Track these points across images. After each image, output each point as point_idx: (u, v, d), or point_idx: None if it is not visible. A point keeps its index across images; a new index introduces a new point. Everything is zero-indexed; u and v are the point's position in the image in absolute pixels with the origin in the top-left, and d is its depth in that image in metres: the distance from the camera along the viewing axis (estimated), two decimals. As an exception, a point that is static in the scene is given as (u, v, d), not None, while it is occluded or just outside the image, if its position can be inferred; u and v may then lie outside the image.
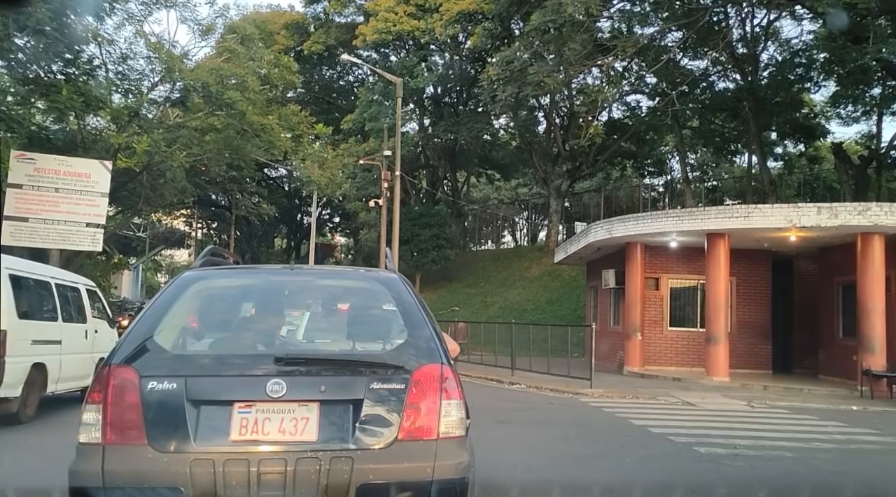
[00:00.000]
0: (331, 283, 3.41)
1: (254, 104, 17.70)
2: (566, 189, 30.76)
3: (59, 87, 14.21)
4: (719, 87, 28.29)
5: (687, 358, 14.60)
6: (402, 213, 21.29)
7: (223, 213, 40.74)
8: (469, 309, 25.98)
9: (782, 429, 7.67)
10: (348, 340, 2.98)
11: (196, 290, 3.01)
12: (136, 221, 39.84)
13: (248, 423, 2.48)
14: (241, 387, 2.53)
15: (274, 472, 2.41)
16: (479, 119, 29.71)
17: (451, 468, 2.53)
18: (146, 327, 2.71)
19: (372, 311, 3.11)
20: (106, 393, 2.51)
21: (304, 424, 2.50)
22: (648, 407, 9.59)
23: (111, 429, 2.47)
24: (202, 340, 2.90)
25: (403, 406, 2.55)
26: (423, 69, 25.99)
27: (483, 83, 20.25)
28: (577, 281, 26.41)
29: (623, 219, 13.84)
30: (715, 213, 12.08)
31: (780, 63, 25.02)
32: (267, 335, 2.92)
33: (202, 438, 2.44)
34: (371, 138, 27.17)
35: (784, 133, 28.92)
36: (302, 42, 30.05)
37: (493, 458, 5.59)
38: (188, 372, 2.55)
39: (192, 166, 18.45)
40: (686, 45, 23.56)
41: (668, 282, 14.82)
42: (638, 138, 31.39)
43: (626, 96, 29.93)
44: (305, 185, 21.81)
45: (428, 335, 2.77)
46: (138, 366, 2.55)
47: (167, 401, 2.48)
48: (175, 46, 17.61)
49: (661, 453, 6.01)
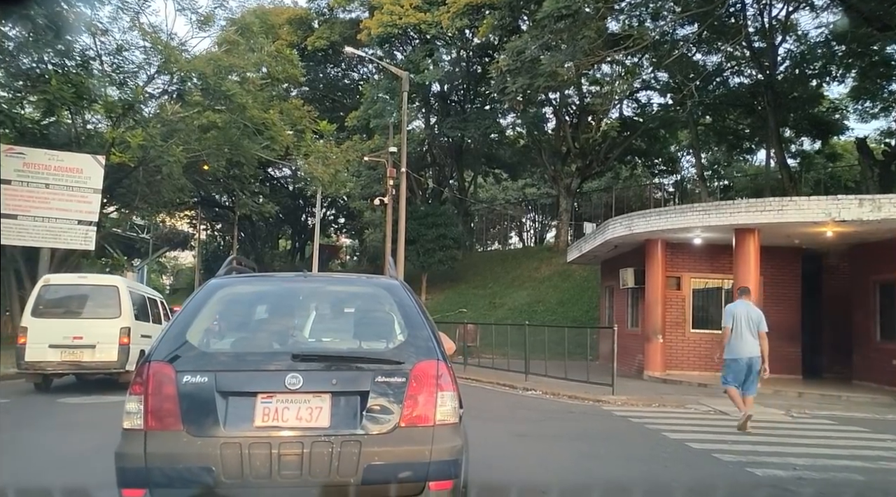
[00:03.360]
0: (339, 289, 3.81)
1: (254, 97, 17.05)
2: (576, 188, 29.93)
3: (49, 77, 13.56)
4: (733, 82, 27.48)
5: (710, 361, 13.67)
6: (408, 212, 20.51)
7: (227, 213, 40.17)
8: (476, 310, 25.18)
9: (836, 444, 6.84)
10: (355, 339, 3.33)
11: (221, 295, 3.37)
12: (138, 223, 39.37)
13: (270, 412, 2.82)
14: (263, 380, 2.88)
15: (292, 453, 2.75)
16: (487, 116, 28.98)
17: (446, 451, 2.85)
18: (180, 328, 3.05)
19: (376, 313, 3.42)
20: (147, 385, 2.84)
21: (317, 412, 2.84)
22: (679, 416, 8.78)
23: (151, 416, 2.80)
24: (228, 339, 3.24)
25: (404, 397, 2.88)
26: (429, 64, 25.20)
27: (492, 75, 19.47)
28: (588, 281, 25.59)
29: (644, 214, 13.02)
30: (745, 206, 11.24)
31: (800, 55, 24.11)
32: (284, 335, 3.25)
33: (230, 425, 2.78)
34: (376, 136, 26.45)
35: (801, 129, 28.00)
36: (305, 38, 29.37)
37: (518, 480, 4.81)
38: (217, 367, 2.89)
39: (192, 164, 17.74)
40: (700, 39, 22.70)
41: (690, 281, 13.98)
42: (650, 136, 30.62)
43: (638, 93, 29.25)
44: (309, 182, 21.12)
45: (426, 335, 3.10)
46: (174, 362, 2.88)
47: (199, 392, 2.81)
48: (173, 38, 16.93)
49: (713, 476, 5.21)
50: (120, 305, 9.97)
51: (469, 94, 30.57)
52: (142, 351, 9.78)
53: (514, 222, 44.12)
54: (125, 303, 10.02)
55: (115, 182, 16.95)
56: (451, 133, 28.85)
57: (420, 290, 27.99)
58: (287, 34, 28.14)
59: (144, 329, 10.50)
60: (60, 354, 9.55)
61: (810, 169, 28.92)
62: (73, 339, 9.62)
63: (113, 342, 9.71)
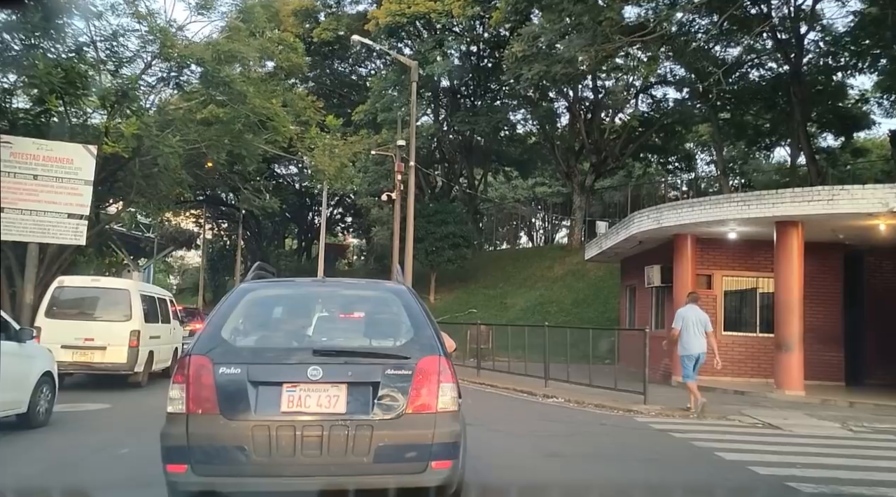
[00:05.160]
0: (353, 293, 4.26)
1: (256, 86, 16.16)
2: (590, 184, 28.91)
3: (35, 60, 12.71)
4: (753, 76, 26.41)
5: (744, 367, 12.74)
6: (416, 210, 19.60)
7: (232, 212, 39.47)
8: (487, 311, 24.22)
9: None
10: (367, 337, 3.79)
11: (250, 298, 3.81)
12: (143, 221, 38.68)
13: (294, 399, 3.31)
14: (288, 372, 3.37)
15: (313, 435, 3.24)
16: (498, 111, 28.06)
17: (446, 435, 3.33)
18: (215, 327, 3.55)
19: (385, 315, 3.84)
20: (188, 376, 3.34)
21: (335, 400, 3.32)
22: (725, 431, 7.78)
23: (192, 402, 3.29)
24: (257, 336, 3.71)
25: (410, 388, 3.35)
26: (438, 55, 24.24)
27: (506, 62, 18.48)
28: (604, 281, 24.59)
29: (674, 206, 11.99)
30: (790, 195, 10.18)
31: (829, 44, 22.95)
32: (306, 332, 3.72)
33: (260, 410, 3.28)
34: (384, 130, 25.56)
35: (825, 124, 26.87)
36: (311, 31, 28.54)
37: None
38: (248, 360, 3.39)
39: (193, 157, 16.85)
40: (721, 31, 21.63)
41: (721, 279, 12.96)
42: (666, 131, 29.61)
43: (653, 88, 28.24)
44: (314, 175, 20.24)
45: (430, 334, 3.57)
46: (212, 355, 3.39)
47: (233, 382, 3.31)
48: (172, 25, 16.05)
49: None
50: (131, 308, 10.32)
51: (479, 90, 29.66)
52: (150, 351, 10.75)
53: (524, 222, 43.16)
54: (136, 306, 10.42)
55: (110, 175, 16.09)
56: (462, 127, 27.98)
57: (428, 289, 27.12)
58: (292, 26, 27.28)
59: (154, 331, 11.08)
60: (72, 355, 9.82)
61: (835, 165, 27.76)
62: (84, 340, 9.93)
63: (123, 344, 10.05)
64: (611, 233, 15.17)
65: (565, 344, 12.11)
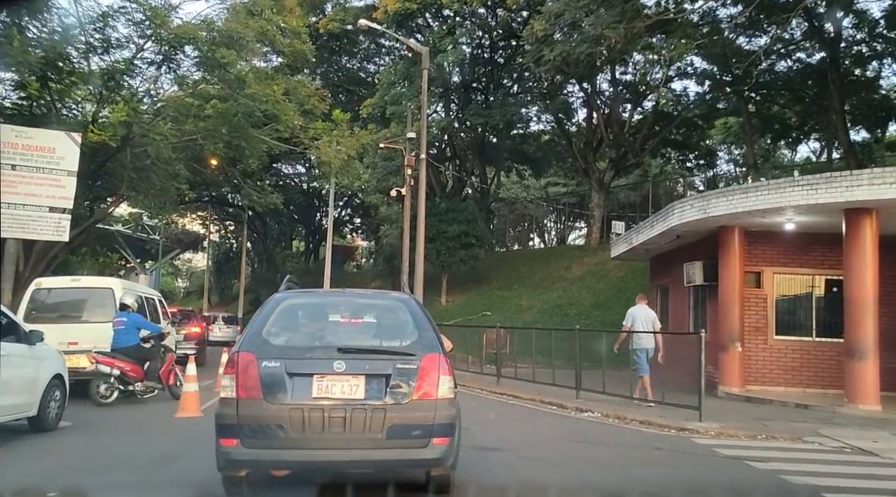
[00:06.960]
0: (368, 302, 5.15)
1: (255, 71, 14.98)
2: (609, 181, 27.52)
3: (10, 38, 11.58)
4: (780, 67, 24.96)
5: (799, 375, 11.33)
6: (427, 208, 18.30)
7: (239, 213, 38.43)
8: (502, 313, 22.85)
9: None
10: (379, 338, 4.57)
11: (285, 305, 4.64)
12: (148, 223, 37.67)
13: (322, 387, 4.08)
14: (318, 365, 4.13)
15: (338, 416, 4.00)
16: (511, 105, 26.77)
17: (445, 417, 4.12)
18: (258, 328, 4.35)
19: (394, 319, 4.64)
20: (237, 368, 4.09)
21: (356, 388, 4.09)
22: (809, 458, 6.41)
23: (241, 389, 4.05)
24: (291, 336, 4.49)
25: (415, 379, 4.12)
26: (449, 44, 22.95)
27: (526, 41, 17.16)
28: (626, 282, 23.18)
29: (724, 192, 10.59)
30: (868, 176, 8.75)
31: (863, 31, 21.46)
32: (331, 333, 4.51)
33: (295, 396, 4.05)
34: (392, 124, 24.33)
35: (858, 117, 25.32)
36: (318, 22, 27.38)
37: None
38: (286, 356, 4.16)
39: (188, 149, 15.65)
40: (750, 18, 20.20)
41: (773, 277, 11.55)
42: (687, 125, 28.23)
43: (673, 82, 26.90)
44: (319, 169, 19.00)
45: (431, 336, 4.39)
46: (256, 352, 4.15)
47: (274, 373, 4.07)
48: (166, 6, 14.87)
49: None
50: (116, 309, 9.58)
51: (491, 85, 28.37)
52: None
53: (536, 223, 41.77)
54: None
55: (99, 167, 14.95)
56: (475, 121, 26.72)
57: (440, 291, 25.85)
58: (298, 19, 26.11)
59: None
60: None
61: (871, 160, 26.21)
62: (68, 344, 9.21)
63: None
64: (644, 226, 13.80)
65: (598, 349, 10.74)
